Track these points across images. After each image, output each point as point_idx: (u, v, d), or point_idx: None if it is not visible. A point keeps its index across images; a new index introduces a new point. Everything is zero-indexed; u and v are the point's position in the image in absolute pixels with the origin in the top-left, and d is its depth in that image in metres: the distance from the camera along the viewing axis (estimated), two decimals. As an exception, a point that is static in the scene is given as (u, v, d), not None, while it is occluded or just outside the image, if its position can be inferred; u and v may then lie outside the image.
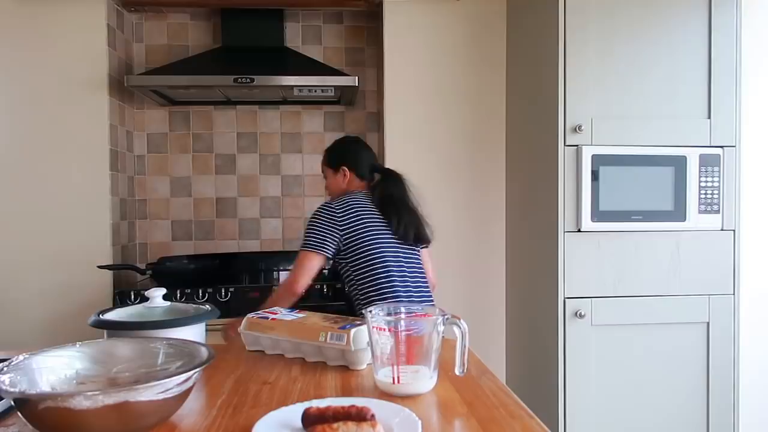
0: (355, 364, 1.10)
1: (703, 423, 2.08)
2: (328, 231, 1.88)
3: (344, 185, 2.05)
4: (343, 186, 2.05)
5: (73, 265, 2.42)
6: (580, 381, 2.03)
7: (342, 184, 2.05)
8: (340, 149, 2.11)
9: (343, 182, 2.05)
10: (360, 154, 2.08)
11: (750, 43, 2.15)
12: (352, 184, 2.04)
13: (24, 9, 2.41)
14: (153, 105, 2.80)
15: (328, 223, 1.89)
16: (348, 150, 2.09)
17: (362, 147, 2.11)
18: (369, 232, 1.90)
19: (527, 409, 0.89)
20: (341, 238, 1.89)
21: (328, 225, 1.89)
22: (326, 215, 1.90)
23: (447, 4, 2.55)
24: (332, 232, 1.88)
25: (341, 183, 2.05)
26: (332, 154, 2.10)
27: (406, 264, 1.94)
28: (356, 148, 2.10)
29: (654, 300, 2.06)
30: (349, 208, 1.92)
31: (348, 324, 1.13)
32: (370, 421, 0.74)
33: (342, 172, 2.04)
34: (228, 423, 0.84)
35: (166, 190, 2.84)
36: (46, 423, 0.72)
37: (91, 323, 1.14)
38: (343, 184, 2.05)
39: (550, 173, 2.08)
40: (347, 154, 2.08)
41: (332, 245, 1.89)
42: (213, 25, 2.82)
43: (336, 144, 2.14)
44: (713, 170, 2.06)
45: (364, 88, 2.87)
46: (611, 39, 2.03)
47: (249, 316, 1.26)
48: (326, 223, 1.89)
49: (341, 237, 1.89)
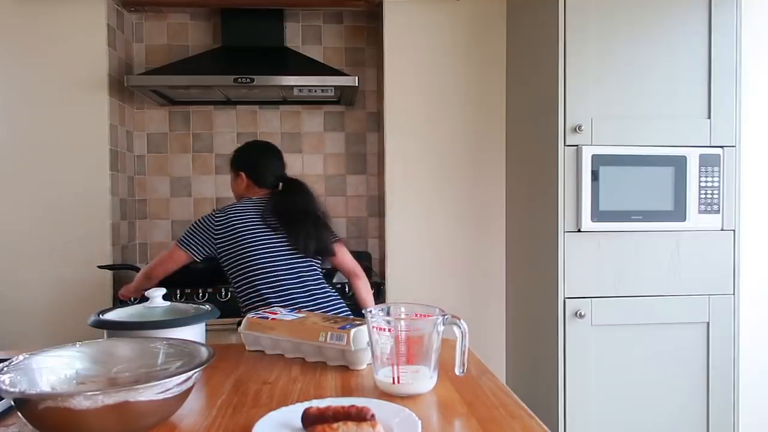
0: (355, 364, 1.10)
1: (703, 423, 2.08)
2: (204, 238, 1.92)
3: (242, 190, 2.06)
4: (241, 191, 2.06)
5: (73, 265, 2.42)
6: (580, 381, 2.03)
7: (240, 189, 2.06)
8: (241, 154, 2.09)
9: (241, 187, 2.06)
10: (260, 161, 2.06)
11: (750, 43, 2.15)
12: (251, 190, 2.05)
13: (24, 9, 2.41)
14: (153, 105, 2.80)
15: (205, 233, 1.92)
16: (248, 156, 2.08)
17: (266, 154, 2.09)
18: (245, 244, 1.90)
19: (527, 409, 0.89)
20: (215, 248, 1.92)
21: (204, 233, 1.92)
22: (205, 225, 1.93)
23: (447, 4, 2.55)
24: (207, 241, 1.92)
25: (240, 187, 2.06)
26: (234, 158, 2.09)
27: (292, 275, 1.91)
28: (258, 155, 2.08)
29: (654, 300, 2.06)
30: (227, 221, 1.92)
31: (348, 324, 1.13)
32: (370, 421, 0.74)
33: (240, 177, 2.05)
34: (228, 423, 0.84)
35: (166, 190, 2.84)
36: (46, 423, 0.72)
37: (91, 323, 1.14)
38: (242, 189, 2.06)
39: (550, 173, 2.08)
40: (247, 160, 2.07)
41: (204, 251, 1.93)
42: (213, 25, 2.82)
43: (240, 148, 2.13)
44: (713, 170, 2.06)
45: (364, 88, 2.87)
46: (611, 39, 2.03)
47: (249, 316, 1.26)
48: (203, 232, 1.93)
49: (215, 247, 1.92)
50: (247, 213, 1.95)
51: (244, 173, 2.04)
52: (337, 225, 2.90)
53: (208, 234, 1.92)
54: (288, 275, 1.91)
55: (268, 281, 1.89)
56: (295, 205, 1.97)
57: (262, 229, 1.92)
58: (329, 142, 2.91)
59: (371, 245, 2.92)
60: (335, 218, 2.89)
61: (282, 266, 1.91)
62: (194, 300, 2.29)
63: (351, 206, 2.93)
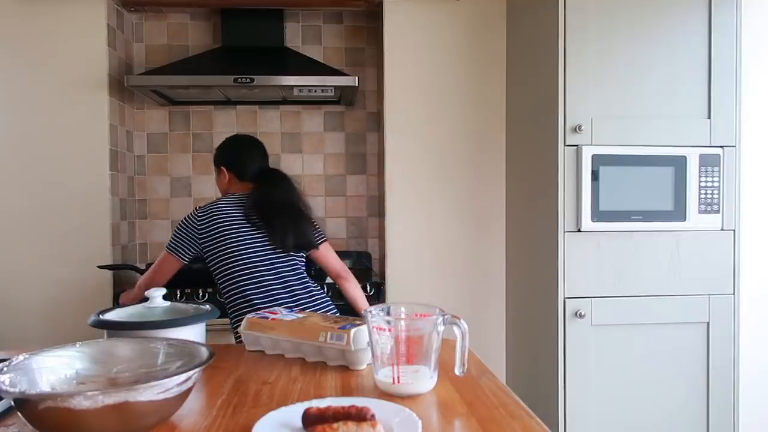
0: (355, 364, 1.10)
1: (703, 423, 2.08)
2: (188, 239, 1.91)
3: (225, 185, 2.03)
4: (225, 186, 2.04)
5: (73, 265, 2.42)
6: (580, 381, 2.03)
7: (223, 184, 2.04)
8: (222, 149, 2.07)
9: (224, 182, 2.03)
10: (241, 155, 2.03)
11: (750, 43, 2.14)
12: (233, 185, 2.02)
13: (24, 9, 2.41)
14: (153, 105, 2.80)
15: (189, 233, 1.91)
16: (229, 151, 2.05)
17: (247, 147, 2.05)
18: (228, 243, 1.87)
19: (527, 409, 0.89)
20: (200, 246, 1.91)
21: (188, 233, 1.91)
22: (188, 224, 1.92)
23: (447, 4, 2.55)
24: (192, 240, 1.91)
25: (223, 182, 2.04)
26: (215, 154, 2.07)
27: (275, 274, 1.88)
28: (238, 149, 2.05)
29: (654, 300, 2.06)
30: (209, 219, 1.90)
31: (348, 324, 1.13)
32: (370, 421, 0.74)
33: (222, 172, 2.02)
34: (228, 423, 0.84)
35: (166, 190, 2.84)
36: (46, 423, 0.72)
37: (91, 323, 1.14)
38: (225, 184, 2.03)
39: (550, 173, 2.08)
40: (227, 154, 2.04)
41: (191, 252, 1.92)
42: (213, 25, 2.82)
43: (222, 143, 2.10)
44: (713, 170, 2.06)
45: (364, 88, 2.87)
46: (611, 39, 2.03)
47: (249, 317, 1.26)
48: (187, 232, 1.91)
49: (200, 246, 1.91)
50: (229, 209, 1.91)
51: (225, 168, 2.02)
52: (337, 225, 2.90)
53: (192, 233, 1.90)
54: (270, 275, 1.88)
55: (253, 282, 1.87)
56: (271, 198, 1.92)
57: (245, 226, 1.89)
58: (329, 142, 2.91)
59: (371, 245, 2.92)
60: (335, 218, 2.90)
61: (264, 265, 1.88)
62: (194, 300, 2.29)
63: (351, 206, 2.93)
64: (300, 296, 1.91)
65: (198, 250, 1.91)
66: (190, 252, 1.91)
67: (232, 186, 2.02)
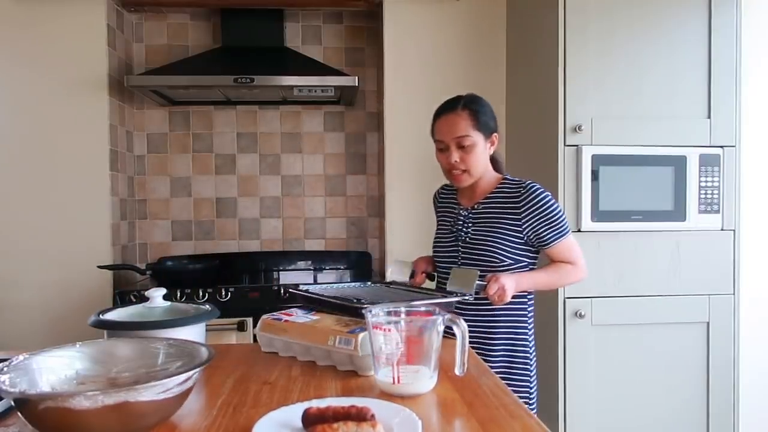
0: (363, 369, 1.06)
1: (703, 423, 2.08)
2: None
3: (486, 160, 1.65)
4: (487, 160, 1.65)
5: (73, 265, 2.42)
6: (580, 381, 2.03)
7: (486, 158, 1.65)
8: (491, 110, 1.67)
9: (488, 155, 1.65)
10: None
11: (750, 43, 2.14)
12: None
13: (24, 9, 2.41)
14: (153, 105, 2.80)
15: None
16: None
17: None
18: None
19: (527, 409, 0.89)
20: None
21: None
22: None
23: (447, 4, 2.55)
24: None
25: (488, 155, 1.64)
26: (489, 113, 1.65)
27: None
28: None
29: (654, 300, 2.05)
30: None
31: (358, 328, 1.08)
32: (370, 421, 0.74)
33: (492, 140, 1.64)
34: (228, 423, 0.84)
35: (166, 190, 2.84)
36: (46, 423, 0.72)
37: (91, 323, 1.14)
38: (487, 157, 1.65)
39: (550, 173, 2.08)
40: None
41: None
42: (213, 25, 2.82)
43: (485, 101, 1.69)
44: (713, 170, 2.06)
45: (364, 88, 2.87)
46: (611, 39, 2.03)
47: (263, 318, 1.24)
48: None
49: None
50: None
51: (497, 135, 1.64)
52: (337, 225, 2.90)
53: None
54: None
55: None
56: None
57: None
58: (329, 142, 2.90)
59: (371, 245, 2.92)
60: (335, 218, 2.90)
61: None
62: (194, 300, 2.29)
63: (351, 206, 2.92)
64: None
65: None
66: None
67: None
